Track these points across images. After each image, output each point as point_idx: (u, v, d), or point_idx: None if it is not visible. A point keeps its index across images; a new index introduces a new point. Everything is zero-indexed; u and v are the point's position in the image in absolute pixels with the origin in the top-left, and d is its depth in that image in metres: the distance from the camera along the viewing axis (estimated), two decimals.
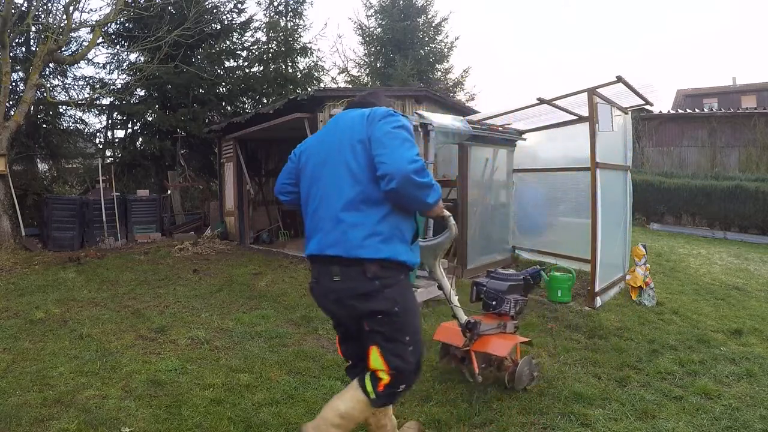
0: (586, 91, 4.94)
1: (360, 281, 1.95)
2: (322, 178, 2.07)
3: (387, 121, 1.98)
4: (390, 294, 1.96)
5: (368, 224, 1.94)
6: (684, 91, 23.05)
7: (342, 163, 2.00)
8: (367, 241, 1.93)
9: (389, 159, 1.88)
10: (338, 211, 1.98)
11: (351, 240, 1.93)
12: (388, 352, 1.99)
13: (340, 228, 1.96)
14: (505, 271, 3.19)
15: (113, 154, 12.61)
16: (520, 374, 2.96)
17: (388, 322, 1.98)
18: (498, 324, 3.00)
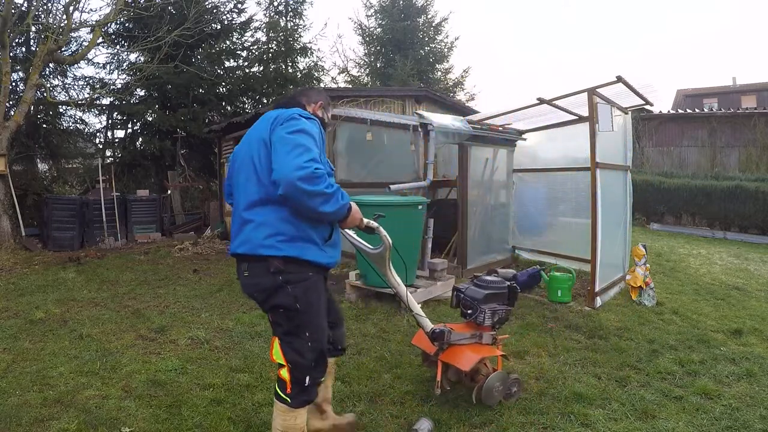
0: (586, 91, 4.94)
1: (264, 277, 2.03)
2: (239, 179, 2.14)
3: (286, 126, 1.99)
4: (292, 291, 2.02)
5: (271, 224, 1.99)
6: (684, 91, 23.06)
7: (250, 164, 2.07)
8: (269, 240, 1.99)
9: (277, 165, 1.90)
10: (243, 211, 2.07)
11: (254, 239, 2.01)
12: (287, 345, 2.08)
13: (247, 228, 2.04)
14: (489, 278, 3.00)
15: (113, 154, 12.62)
16: (488, 389, 2.76)
17: (288, 317, 2.06)
18: (472, 334, 2.86)
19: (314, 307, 2.09)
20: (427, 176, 5.89)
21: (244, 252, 2.05)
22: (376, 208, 4.80)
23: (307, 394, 2.12)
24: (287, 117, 2.03)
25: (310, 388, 2.13)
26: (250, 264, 2.07)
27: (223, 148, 10.29)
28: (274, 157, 1.94)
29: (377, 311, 4.65)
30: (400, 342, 3.86)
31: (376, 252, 2.67)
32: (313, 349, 2.09)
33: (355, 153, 7.29)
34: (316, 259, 2.05)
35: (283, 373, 2.09)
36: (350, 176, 7.33)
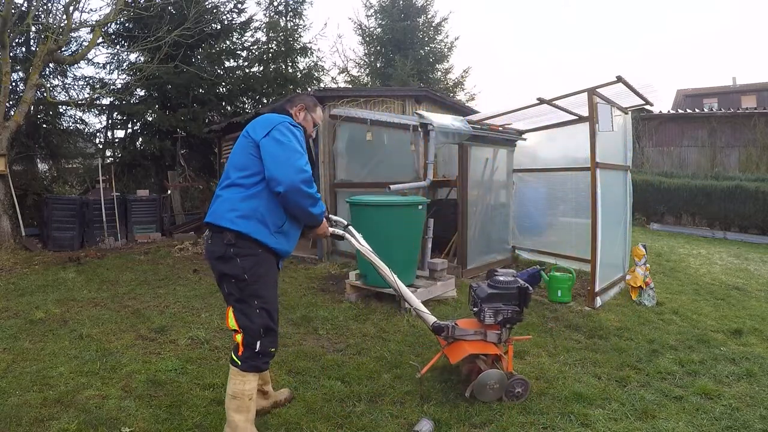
0: (586, 91, 4.94)
1: (219, 246, 2.32)
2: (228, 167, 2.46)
3: (280, 130, 2.31)
4: (241, 263, 2.29)
5: (232, 201, 2.32)
6: (684, 91, 23.07)
7: (233, 156, 2.43)
8: (228, 214, 2.29)
9: (278, 166, 2.24)
10: (219, 191, 2.40)
11: (217, 211, 2.34)
12: (238, 311, 2.33)
13: (216, 202, 2.38)
14: (501, 278, 3.02)
15: (113, 154, 12.61)
16: (481, 385, 2.82)
17: (238, 287, 2.32)
18: (476, 331, 2.91)
19: (263, 279, 2.34)
20: (427, 176, 5.89)
21: (209, 221, 2.36)
22: (376, 208, 4.83)
23: (257, 359, 2.33)
24: (278, 122, 2.34)
25: (261, 356, 2.34)
26: (212, 233, 2.37)
27: (223, 148, 10.29)
28: (269, 157, 2.26)
29: (377, 311, 4.65)
30: (400, 342, 3.86)
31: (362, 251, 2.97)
32: (261, 316, 2.32)
33: (355, 153, 7.29)
34: (264, 240, 2.31)
35: (237, 338, 2.34)
36: (350, 176, 7.33)
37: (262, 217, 2.31)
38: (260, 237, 2.30)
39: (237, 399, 2.32)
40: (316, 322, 4.38)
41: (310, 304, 4.96)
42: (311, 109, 2.70)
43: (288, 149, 2.26)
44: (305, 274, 6.31)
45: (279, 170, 2.22)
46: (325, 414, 2.77)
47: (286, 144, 2.27)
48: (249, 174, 2.32)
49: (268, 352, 2.36)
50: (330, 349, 3.79)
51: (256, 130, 2.35)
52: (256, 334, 2.31)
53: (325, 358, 3.56)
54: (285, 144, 2.27)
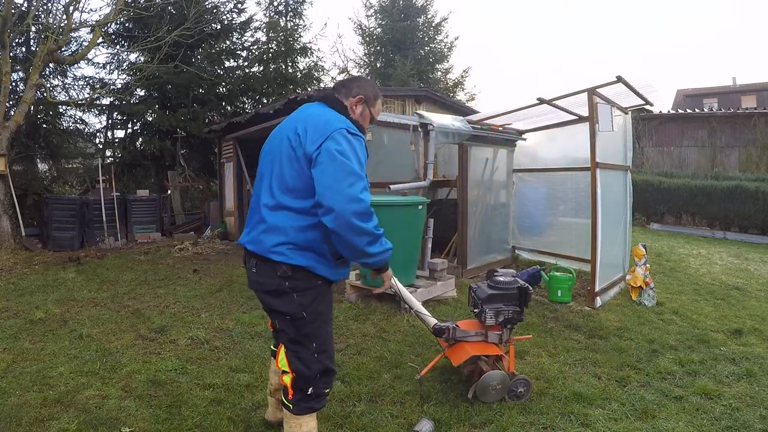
0: (586, 91, 4.94)
1: (270, 278, 1.96)
2: (265, 172, 2.07)
3: (334, 142, 1.85)
4: (299, 299, 1.95)
5: (284, 231, 1.92)
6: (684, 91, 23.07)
7: (278, 163, 1.98)
8: (279, 248, 1.92)
9: (328, 191, 1.79)
10: (262, 208, 2.00)
11: (265, 242, 1.94)
12: (292, 353, 2.02)
13: (260, 227, 1.99)
14: (501, 278, 3.01)
15: (113, 154, 12.62)
16: (484, 386, 2.83)
17: (294, 326, 1.98)
18: (477, 332, 2.92)
19: (322, 316, 2.01)
20: (427, 176, 5.89)
21: (253, 250, 2.01)
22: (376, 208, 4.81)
23: (310, 401, 2.04)
24: (333, 130, 1.87)
25: (315, 398, 2.04)
26: (258, 261, 2.00)
27: (223, 148, 10.29)
28: (320, 177, 1.81)
29: (377, 311, 4.65)
30: (400, 342, 3.86)
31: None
32: (320, 360, 2.01)
33: None
34: (324, 273, 1.99)
35: (285, 379, 2.04)
36: None
37: (321, 249, 1.95)
38: (321, 271, 1.97)
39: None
40: None
41: None
42: (371, 102, 2.18)
43: (342, 169, 1.79)
44: None
45: (327, 196, 1.79)
46: (325, 414, 2.77)
47: (341, 162, 1.80)
48: (303, 197, 1.90)
49: (323, 393, 2.07)
50: None
51: (308, 138, 1.89)
52: (312, 380, 2.01)
53: None
54: (339, 162, 1.80)
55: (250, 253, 2.03)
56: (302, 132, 1.91)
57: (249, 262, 2.06)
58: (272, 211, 1.95)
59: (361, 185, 1.82)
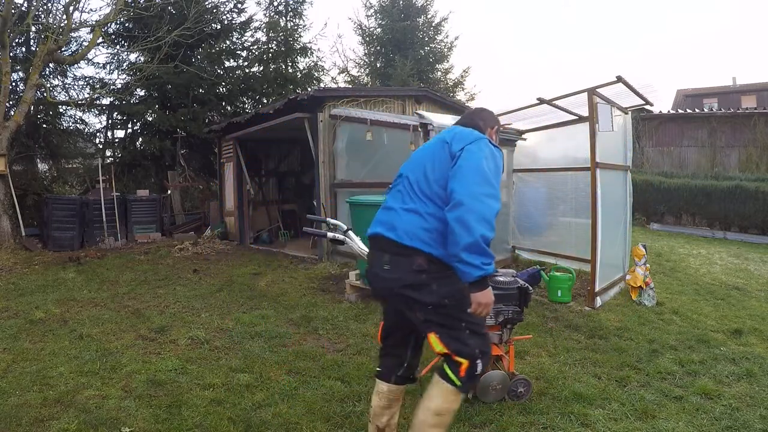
0: (586, 91, 4.94)
1: (407, 273, 2.00)
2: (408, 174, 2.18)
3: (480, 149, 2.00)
4: (439, 289, 2.01)
5: (429, 218, 2.00)
6: (684, 91, 23.05)
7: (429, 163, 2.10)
8: (422, 233, 1.98)
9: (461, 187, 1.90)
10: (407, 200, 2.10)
11: (405, 226, 2.01)
12: (446, 336, 2.03)
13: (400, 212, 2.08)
14: (500, 278, 2.99)
15: (113, 154, 12.61)
16: (484, 386, 2.83)
17: (440, 314, 2.03)
18: None
19: (464, 300, 2.00)
20: None
21: (390, 237, 2.04)
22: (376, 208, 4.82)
23: (475, 380, 2.12)
24: (482, 139, 2.05)
25: (479, 377, 2.13)
26: (392, 257, 2.04)
27: (223, 148, 10.28)
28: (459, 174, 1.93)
29: (377, 311, 4.64)
30: None
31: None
32: (474, 335, 2.06)
33: (355, 153, 7.29)
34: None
35: (457, 358, 2.05)
36: (350, 176, 7.33)
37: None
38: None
39: (442, 416, 2.08)
40: (316, 322, 4.38)
41: (310, 304, 4.96)
42: (498, 133, 2.39)
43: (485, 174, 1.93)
44: (305, 274, 6.31)
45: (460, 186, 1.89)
46: (325, 414, 2.77)
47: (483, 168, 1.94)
48: (430, 188, 2.03)
49: (482, 373, 2.18)
50: (330, 349, 3.79)
51: (456, 138, 2.06)
52: (475, 356, 2.04)
53: (325, 358, 3.56)
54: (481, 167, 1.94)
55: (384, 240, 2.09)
56: (450, 138, 2.09)
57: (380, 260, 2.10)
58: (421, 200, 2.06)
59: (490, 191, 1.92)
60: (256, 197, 10.21)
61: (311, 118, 7.37)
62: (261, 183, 10.62)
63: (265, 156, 10.91)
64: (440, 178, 2.01)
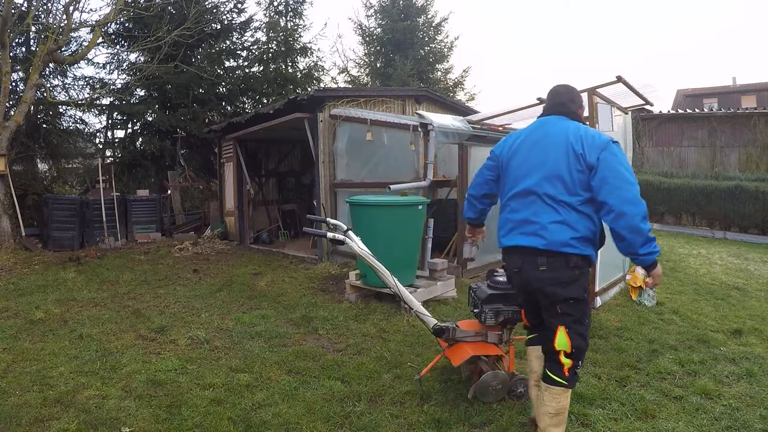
0: (586, 91, 4.92)
1: (564, 271, 2.24)
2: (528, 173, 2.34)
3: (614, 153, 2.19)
4: (582, 283, 2.27)
5: (574, 225, 2.22)
6: (684, 91, 23.05)
7: (555, 167, 2.26)
8: (573, 241, 2.22)
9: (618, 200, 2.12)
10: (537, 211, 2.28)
11: (557, 238, 2.22)
12: (574, 332, 2.26)
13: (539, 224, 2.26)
14: (500, 278, 3.01)
15: (113, 154, 12.61)
16: (484, 386, 2.83)
17: (578, 308, 2.27)
18: (477, 332, 2.92)
19: (588, 296, 2.35)
20: (427, 176, 5.89)
21: (541, 247, 2.24)
22: (376, 208, 4.83)
23: (577, 375, 2.35)
24: (609, 141, 2.23)
25: (577, 372, 2.34)
26: (548, 259, 2.24)
27: (223, 148, 10.28)
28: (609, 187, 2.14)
29: (377, 311, 4.65)
30: (400, 342, 3.86)
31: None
32: (587, 334, 2.33)
33: (355, 153, 7.29)
34: (594, 260, 2.33)
35: (562, 358, 2.25)
36: (350, 176, 7.34)
37: (594, 237, 2.29)
38: (593, 258, 2.32)
39: (559, 415, 2.30)
40: (316, 322, 4.38)
41: (310, 304, 4.96)
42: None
43: (627, 178, 2.15)
44: (305, 274, 6.31)
45: (614, 198, 2.12)
46: (325, 414, 2.77)
47: (623, 172, 2.16)
48: (576, 192, 2.23)
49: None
50: (330, 349, 3.79)
51: (586, 146, 2.21)
52: (584, 352, 2.31)
53: (325, 358, 3.56)
54: (621, 172, 2.15)
55: (532, 250, 2.27)
56: (576, 141, 2.24)
57: (536, 261, 2.27)
58: (559, 207, 2.24)
59: (636, 190, 2.14)
60: (256, 197, 10.21)
61: (311, 118, 7.37)
62: (261, 183, 10.62)
63: (265, 156, 10.91)
64: (579, 185, 2.22)
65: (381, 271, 2.97)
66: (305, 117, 7.36)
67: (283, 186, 11.24)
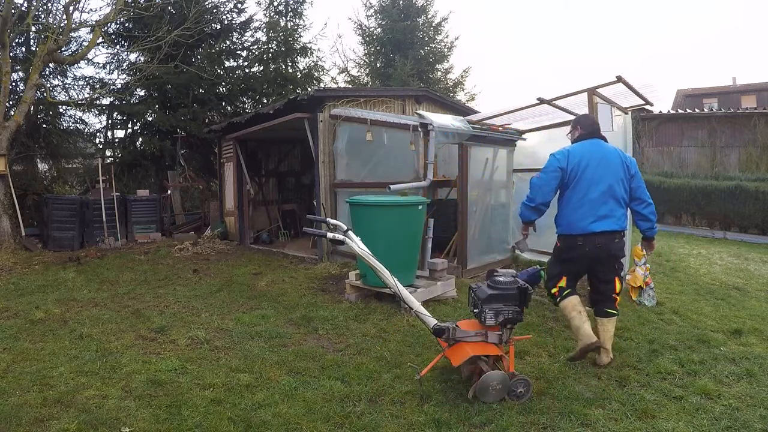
0: (586, 91, 4.94)
1: (620, 243, 3.52)
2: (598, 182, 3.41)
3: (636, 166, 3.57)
4: (624, 249, 3.75)
5: (623, 214, 3.48)
6: (684, 91, 23.03)
7: (615, 179, 3.43)
8: (624, 223, 3.51)
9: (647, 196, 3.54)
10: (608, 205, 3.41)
11: (619, 222, 3.44)
12: (621, 279, 3.57)
13: (615, 214, 3.43)
14: (501, 278, 3.02)
15: (113, 154, 12.60)
16: (484, 387, 2.83)
17: (620, 264, 3.60)
18: (477, 332, 2.92)
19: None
20: (427, 176, 5.89)
21: (618, 229, 3.43)
22: (376, 208, 4.83)
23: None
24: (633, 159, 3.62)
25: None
26: (620, 235, 3.47)
27: (223, 148, 10.28)
28: (643, 187, 3.53)
29: (377, 311, 4.65)
30: (400, 342, 3.86)
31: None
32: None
33: (355, 153, 7.29)
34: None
35: (617, 297, 3.54)
36: (350, 176, 7.33)
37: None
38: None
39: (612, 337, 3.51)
40: (316, 322, 4.38)
41: (310, 304, 4.96)
42: None
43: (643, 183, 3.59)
44: (305, 274, 6.31)
45: (646, 196, 3.52)
46: (325, 414, 2.77)
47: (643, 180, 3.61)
48: (624, 196, 3.46)
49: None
50: (330, 349, 3.79)
51: (628, 162, 3.50)
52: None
53: (325, 358, 3.56)
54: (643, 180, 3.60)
55: (609, 232, 3.40)
56: (627, 161, 3.51)
57: (610, 237, 3.42)
58: (620, 207, 3.47)
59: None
60: (256, 197, 10.21)
61: (311, 118, 7.37)
62: (261, 183, 10.61)
63: (265, 156, 10.91)
64: (626, 189, 3.48)
65: (381, 271, 2.97)
66: (305, 117, 7.36)
67: (283, 186, 11.24)
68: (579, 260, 3.49)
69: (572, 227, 3.44)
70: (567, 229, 3.49)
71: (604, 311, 3.44)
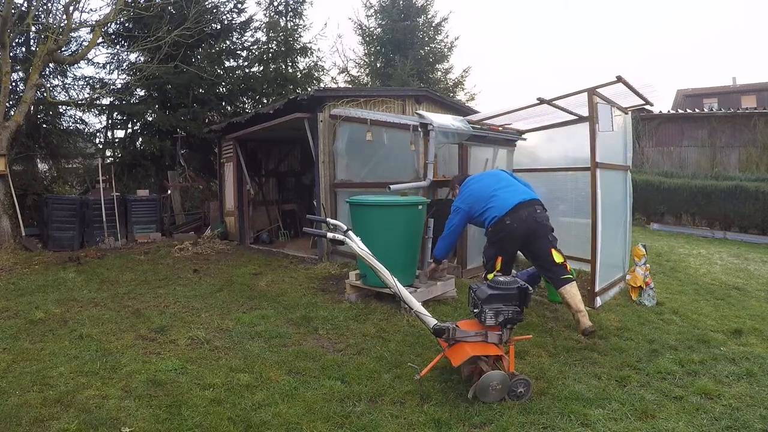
0: (586, 91, 4.93)
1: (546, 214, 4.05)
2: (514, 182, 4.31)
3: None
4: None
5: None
6: (684, 91, 23.04)
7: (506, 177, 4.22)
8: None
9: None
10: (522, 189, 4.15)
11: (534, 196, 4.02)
12: (557, 249, 3.98)
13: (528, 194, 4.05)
14: (501, 278, 3.03)
15: (113, 154, 12.61)
16: (484, 387, 2.84)
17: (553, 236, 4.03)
18: (477, 332, 2.93)
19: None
20: (427, 176, 5.88)
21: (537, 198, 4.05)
22: (376, 208, 4.83)
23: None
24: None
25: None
26: (543, 208, 4.03)
27: (223, 148, 10.28)
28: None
29: (377, 311, 4.65)
30: (400, 342, 3.86)
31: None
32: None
33: (355, 153, 7.29)
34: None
35: (567, 265, 3.96)
36: (350, 176, 7.33)
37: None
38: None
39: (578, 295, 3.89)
40: (316, 322, 4.38)
41: (310, 304, 4.96)
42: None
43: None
44: (305, 274, 6.31)
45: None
46: (325, 414, 2.77)
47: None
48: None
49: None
50: (330, 349, 3.79)
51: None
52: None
53: (325, 358, 3.56)
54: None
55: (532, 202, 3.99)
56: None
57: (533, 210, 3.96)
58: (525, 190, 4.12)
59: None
60: (256, 197, 10.21)
61: (311, 118, 7.36)
62: (261, 183, 10.61)
63: (265, 156, 10.90)
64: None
65: (381, 271, 2.98)
66: (305, 117, 7.35)
67: (283, 186, 11.24)
68: (510, 239, 3.98)
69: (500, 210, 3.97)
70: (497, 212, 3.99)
71: (560, 280, 3.83)
